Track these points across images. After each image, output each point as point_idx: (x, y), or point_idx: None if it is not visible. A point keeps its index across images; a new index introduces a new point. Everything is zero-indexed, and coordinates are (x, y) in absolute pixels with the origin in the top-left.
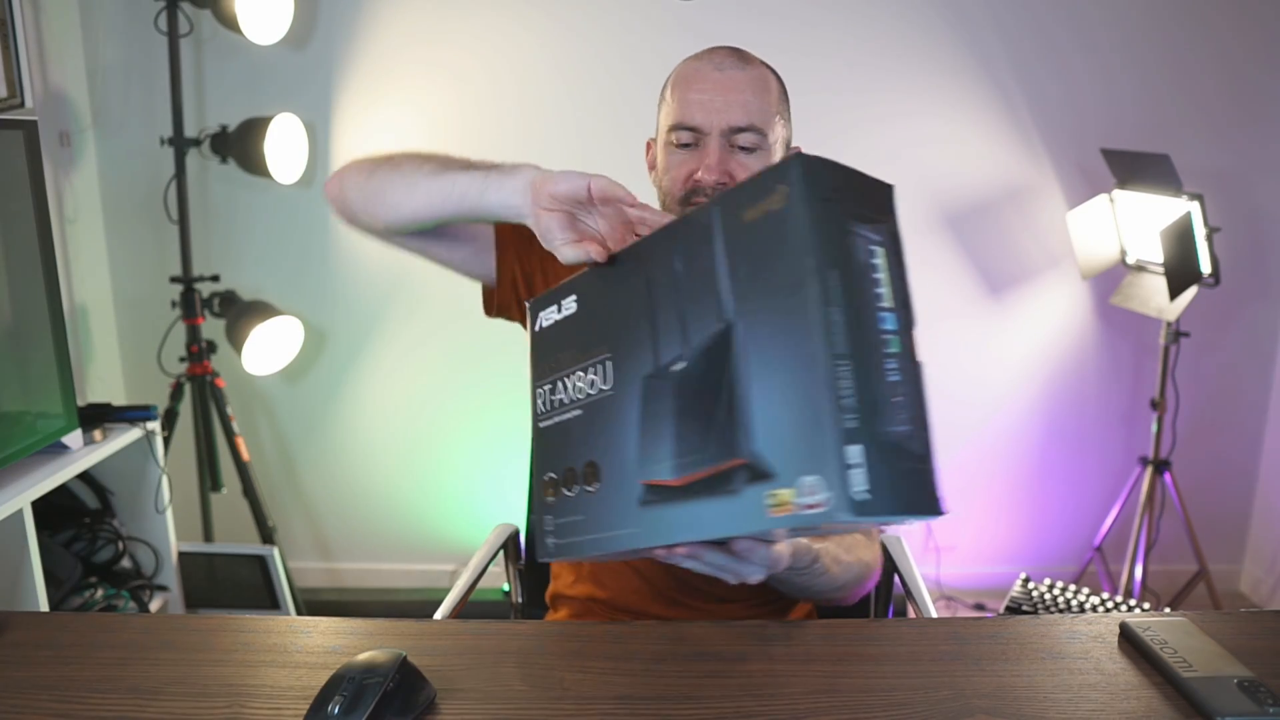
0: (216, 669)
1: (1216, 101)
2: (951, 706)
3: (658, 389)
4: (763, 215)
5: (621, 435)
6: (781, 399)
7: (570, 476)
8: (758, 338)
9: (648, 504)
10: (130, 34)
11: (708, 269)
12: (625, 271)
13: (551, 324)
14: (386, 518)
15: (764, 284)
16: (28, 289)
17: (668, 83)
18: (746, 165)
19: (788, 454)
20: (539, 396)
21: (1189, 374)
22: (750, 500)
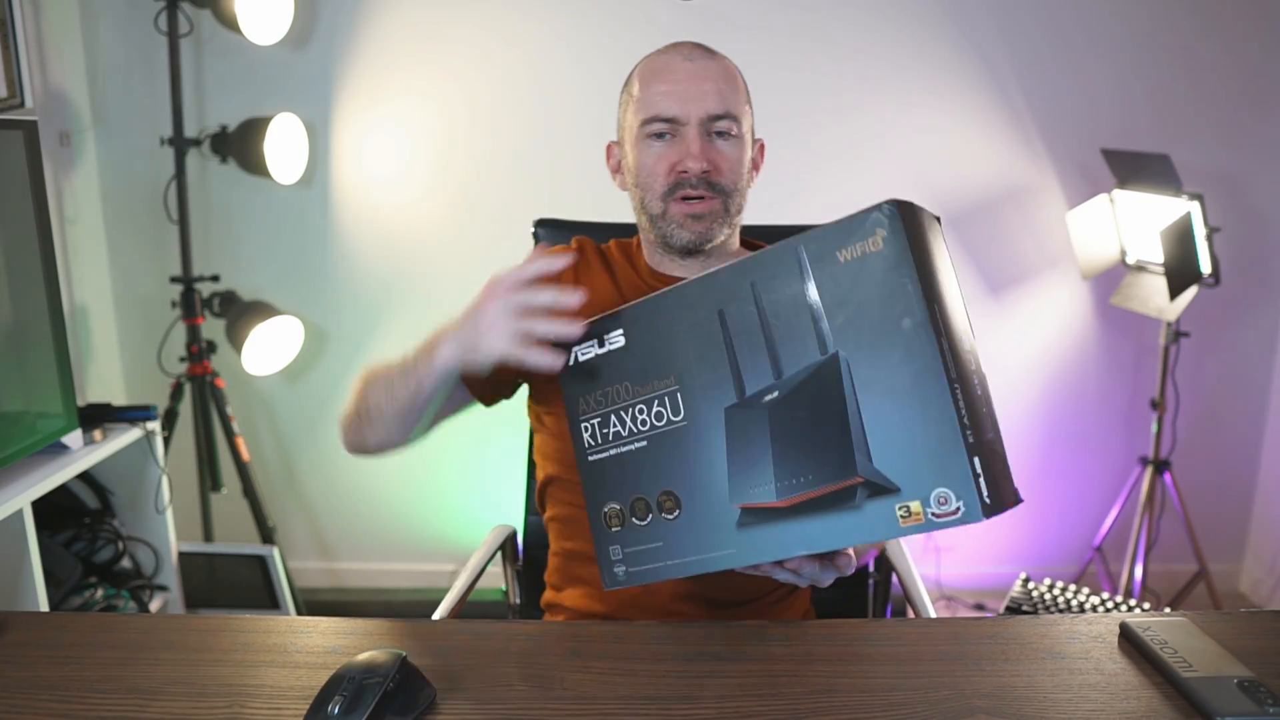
0: (216, 669)
1: (1217, 102)
2: (951, 706)
3: (746, 419)
4: (860, 256)
5: (703, 464)
6: (899, 422)
7: (641, 506)
8: (867, 368)
9: (747, 526)
10: (130, 34)
11: (800, 305)
12: (685, 305)
13: (592, 358)
14: (386, 518)
15: (870, 319)
16: (28, 289)
17: (632, 80)
18: (726, 153)
19: (912, 470)
20: (585, 430)
21: (1189, 374)
22: (877, 513)
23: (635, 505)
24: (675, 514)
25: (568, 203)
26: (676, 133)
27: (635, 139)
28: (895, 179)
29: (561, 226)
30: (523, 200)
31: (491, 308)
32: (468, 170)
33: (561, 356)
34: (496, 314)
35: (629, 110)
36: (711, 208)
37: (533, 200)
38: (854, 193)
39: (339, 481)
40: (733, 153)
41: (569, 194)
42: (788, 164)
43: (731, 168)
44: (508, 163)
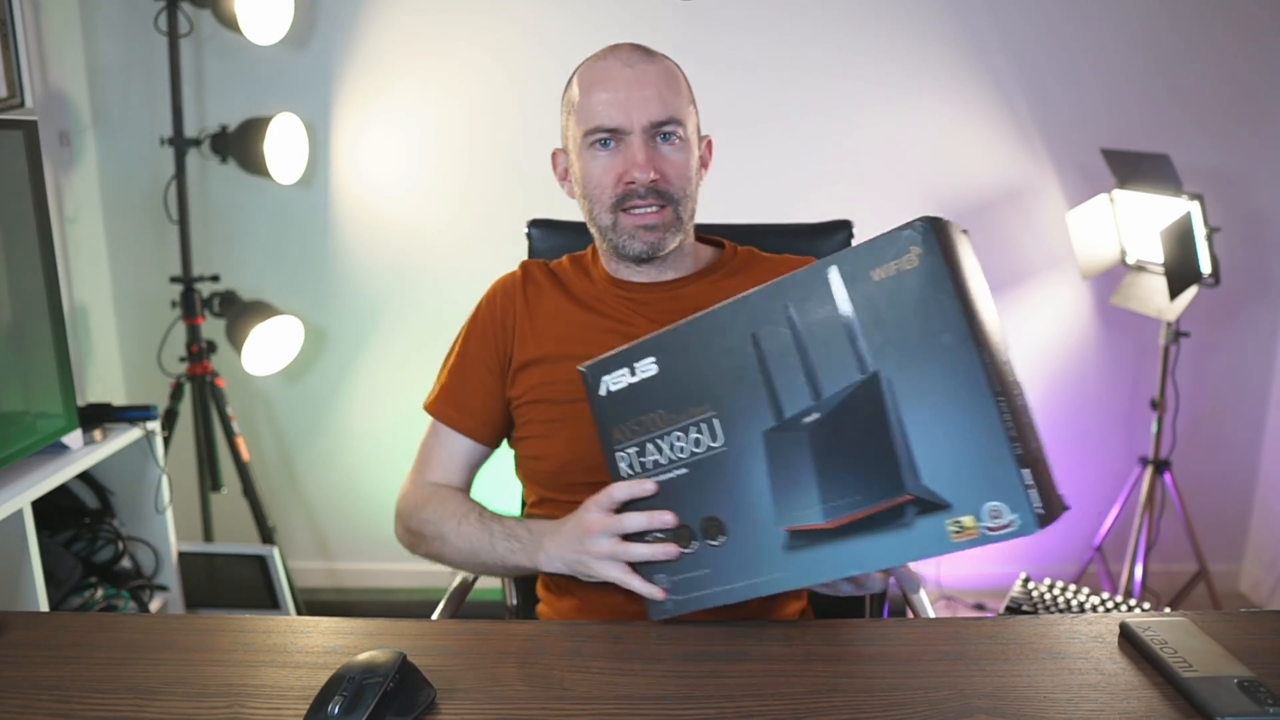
0: (216, 669)
1: (1216, 101)
2: (951, 706)
3: (787, 441)
4: (895, 274)
5: (746, 488)
6: (945, 438)
7: (685, 534)
8: (909, 385)
9: (795, 549)
10: (130, 34)
11: (835, 325)
12: (717, 330)
13: (624, 387)
14: (386, 518)
15: (908, 336)
16: (28, 289)
17: (571, 86)
18: (672, 159)
19: (962, 485)
20: (621, 460)
21: (1189, 374)
22: (928, 530)
23: (680, 533)
24: (721, 540)
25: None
26: (621, 141)
27: (579, 149)
28: (895, 179)
29: (554, 227)
30: (522, 200)
31: (594, 542)
32: (468, 170)
33: (658, 592)
34: (601, 545)
35: (571, 119)
36: (663, 218)
37: (532, 200)
38: (853, 192)
39: (339, 481)
40: (679, 157)
41: None
42: (787, 163)
43: (679, 173)
44: (508, 162)
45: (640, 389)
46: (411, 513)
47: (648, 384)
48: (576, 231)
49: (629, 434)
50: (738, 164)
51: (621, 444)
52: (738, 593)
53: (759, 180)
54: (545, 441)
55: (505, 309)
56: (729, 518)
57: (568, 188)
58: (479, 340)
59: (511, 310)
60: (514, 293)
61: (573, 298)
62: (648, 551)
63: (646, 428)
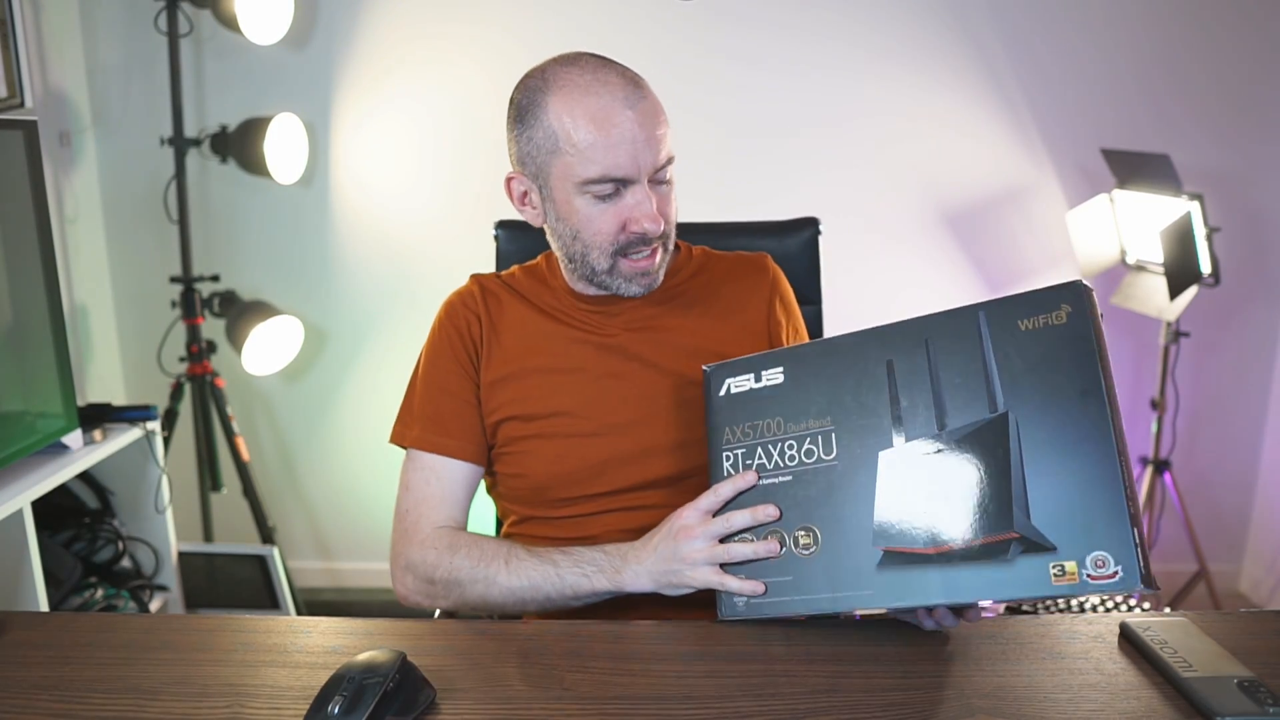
0: (216, 669)
1: (1216, 101)
2: (951, 706)
3: (902, 465)
4: (1042, 327)
5: (849, 504)
6: (1063, 485)
7: (777, 538)
8: (1036, 431)
9: (888, 568)
10: (130, 34)
11: (973, 365)
12: (856, 353)
13: (745, 391)
14: (386, 518)
15: (1045, 386)
16: (28, 289)
17: (555, 118)
18: (668, 198)
19: (1071, 532)
20: (727, 459)
21: (1189, 374)
22: (1029, 569)
23: (769, 537)
24: (812, 550)
25: None
26: (625, 186)
27: (571, 192)
28: (895, 178)
29: (522, 228)
30: None
31: (690, 545)
32: (468, 169)
33: (760, 586)
34: (697, 548)
35: (560, 158)
36: (658, 259)
37: None
38: (853, 192)
39: (339, 481)
40: (671, 194)
41: None
42: (787, 163)
43: (674, 211)
44: (507, 162)
45: (762, 395)
46: (435, 563)
47: (771, 391)
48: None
49: (740, 436)
50: (736, 164)
51: (730, 445)
52: (819, 604)
53: (758, 180)
54: (524, 458)
55: (469, 323)
56: (824, 529)
57: (530, 214)
58: (449, 358)
59: (476, 323)
60: (474, 307)
61: (537, 309)
62: (749, 550)
63: (760, 432)
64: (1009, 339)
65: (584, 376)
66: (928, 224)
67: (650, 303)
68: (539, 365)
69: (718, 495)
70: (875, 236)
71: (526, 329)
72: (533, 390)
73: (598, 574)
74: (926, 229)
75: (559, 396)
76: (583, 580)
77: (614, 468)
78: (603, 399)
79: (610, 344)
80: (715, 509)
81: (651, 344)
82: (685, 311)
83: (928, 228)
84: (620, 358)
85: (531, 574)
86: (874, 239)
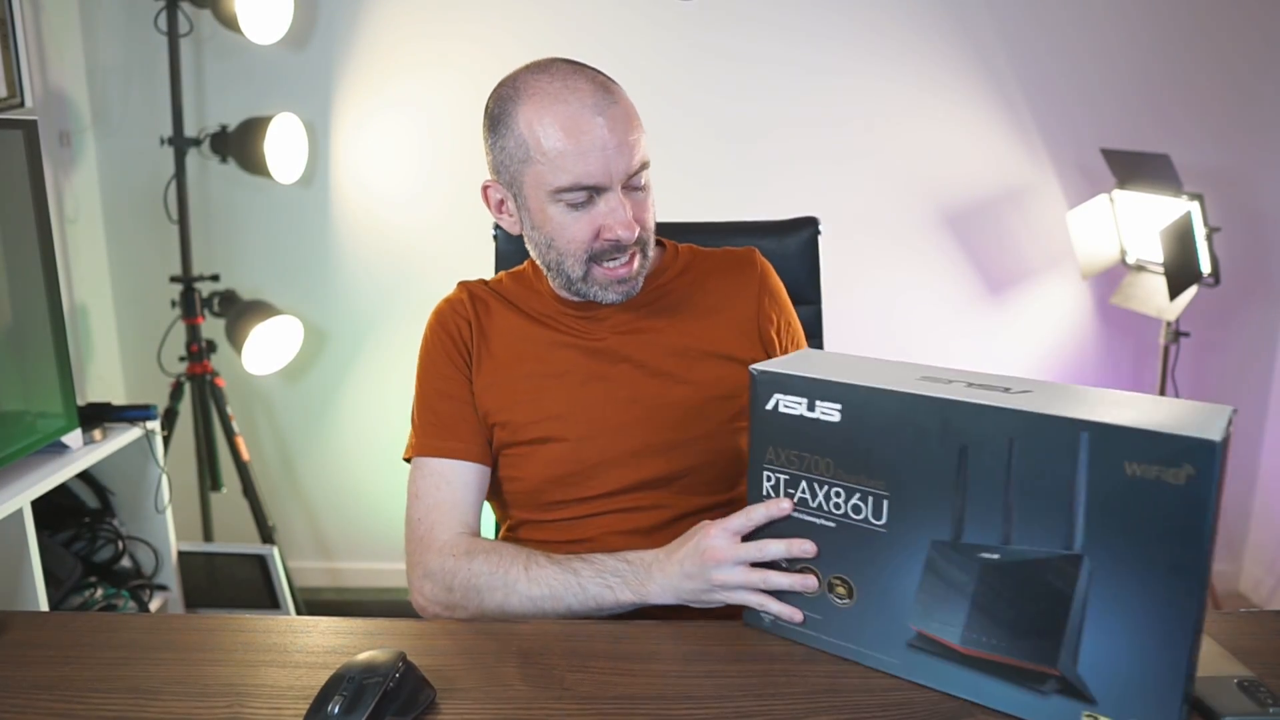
0: (216, 669)
1: (1216, 101)
2: (951, 706)
3: (951, 559)
4: (1153, 479)
5: (891, 575)
6: (1123, 649)
7: (811, 574)
8: (1111, 586)
9: (919, 649)
10: (130, 34)
11: (1058, 490)
12: (918, 416)
13: (795, 415)
14: (386, 518)
15: (1134, 548)
16: (28, 289)
17: (524, 126)
18: (643, 204)
19: (1118, 693)
20: (767, 479)
21: (1189, 374)
22: (1061, 709)
23: (804, 573)
24: (846, 601)
25: None
26: (597, 194)
27: (544, 201)
28: (895, 178)
29: None
30: None
31: (726, 571)
32: (468, 169)
33: (798, 614)
34: (734, 575)
35: (531, 166)
36: (636, 265)
37: None
38: (852, 192)
39: (339, 481)
40: (648, 200)
41: None
42: (785, 163)
43: (651, 216)
44: None
45: (814, 427)
46: (454, 570)
47: (824, 427)
48: None
49: (784, 461)
50: (734, 164)
51: (772, 464)
52: (842, 650)
53: (756, 180)
54: (517, 463)
55: (459, 327)
56: (862, 588)
57: (507, 221)
58: (444, 362)
59: (467, 326)
60: (464, 312)
61: (524, 314)
62: (788, 581)
63: (808, 467)
64: (1109, 477)
65: (572, 380)
66: (927, 224)
67: (636, 304)
68: (527, 371)
69: (749, 519)
70: (874, 236)
71: (514, 335)
72: (522, 396)
73: (621, 586)
74: (926, 229)
75: (548, 401)
76: (605, 592)
77: (606, 470)
78: (592, 402)
79: (598, 347)
80: (744, 532)
81: (639, 345)
82: (673, 311)
83: (927, 228)
84: (608, 360)
85: (553, 582)
86: (873, 239)
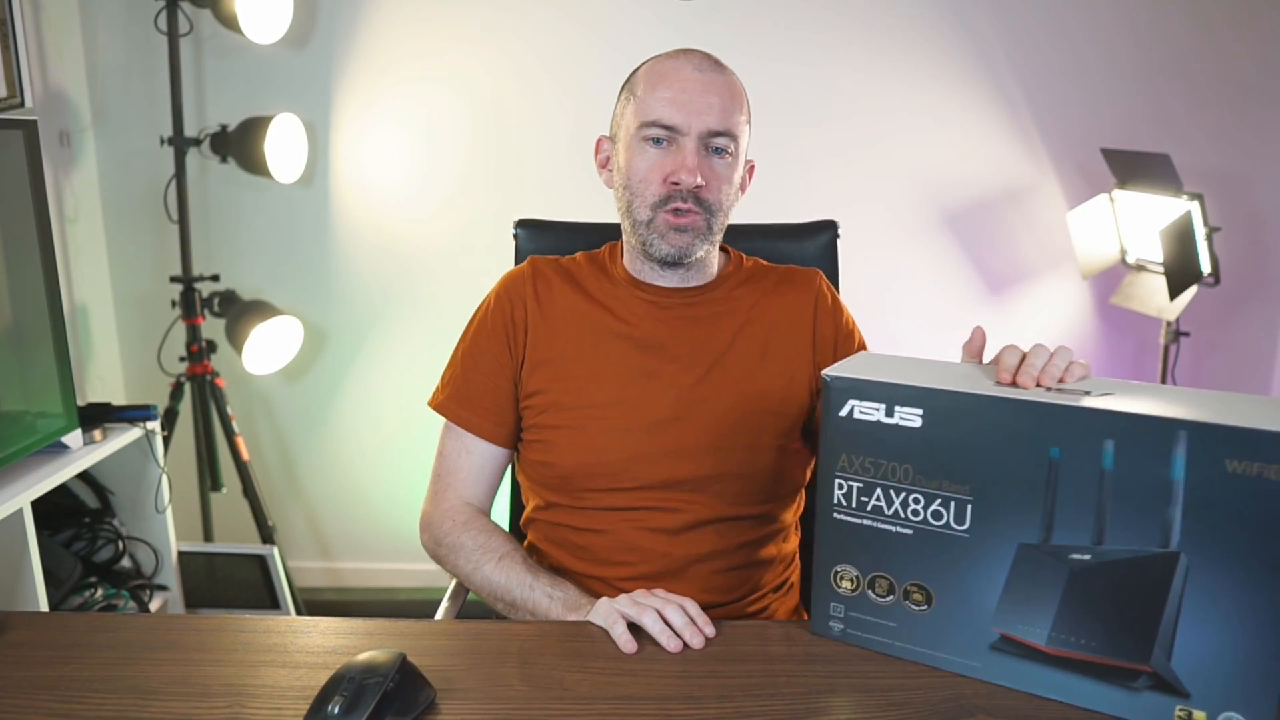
0: (216, 669)
1: (1217, 101)
2: (951, 706)
3: (1042, 563)
4: (1255, 475)
5: (973, 579)
6: (1219, 643)
7: (883, 584)
8: (1208, 584)
9: (1002, 652)
10: (130, 34)
11: (1156, 489)
12: (1006, 419)
13: (873, 422)
14: (386, 518)
15: (1234, 543)
16: (28, 289)
17: (636, 79)
18: (719, 171)
19: (1213, 686)
20: (839, 487)
21: (1189, 374)
22: (1154, 704)
23: (876, 581)
24: (924, 607)
25: (565, 201)
26: (674, 141)
27: (630, 140)
28: (895, 178)
29: (541, 228)
30: (522, 199)
31: (651, 614)
32: (467, 169)
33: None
34: (649, 608)
35: (628, 109)
36: (695, 222)
37: (532, 199)
38: (852, 191)
39: (339, 481)
40: (725, 171)
41: (566, 193)
42: (786, 162)
43: (722, 186)
44: (508, 162)
45: (893, 433)
46: (448, 530)
47: (904, 432)
48: (565, 232)
49: (858, 469)
50: None
51: (844, 472)
52: (921, 657)
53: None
54: (554, 447)
55: (515, 305)
56: (940, 593)
57: (606, 176)
58: (489, 337)
59: (522, 306)
60: (523, 288)
61: (588, 295)
62: (681, 621)
63: (884, 474)
64: (1209, 475)
65: (623, 372)
66: (927, 224)
67: (696, 303)
68: (579, 355)
69: (682, 603)
70: (874, 236)
71: (575, 315)
72: (570, 380)
73: (560, 604)
74: (926, 229)
75: (593, 389)
76: (544, 600)
77: (639, 465)
78: (637, 396)
79: (651, 342)
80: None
81: (693, 345)
82: (730, 318)
83: (927, 227)
84: (659, 358)
85: (511, 578)
86: (872, 239)
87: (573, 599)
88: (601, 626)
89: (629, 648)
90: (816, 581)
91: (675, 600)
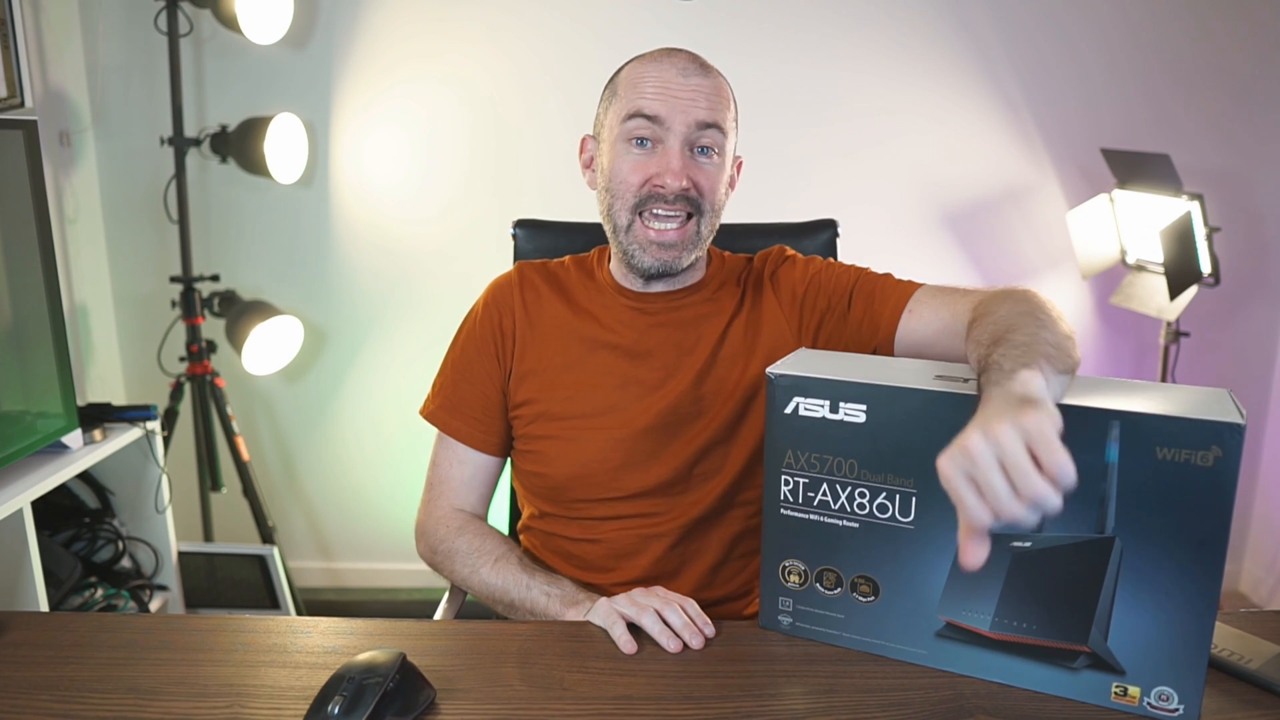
0: (216, 669)
1: (1216, 101)
2: (951, 706)
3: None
4: (1182, 462)
5: (918, 569)
6: (1151, 621)
7: (830, 578)
8: (1141, 565)
9: (947, 639)
10: (130, 34)
11: (1090, 476)
12: (947, 413)
13: (817, 418)
14: (386, 518)
15: (1165, 525)
16: (28, 289)
17: (619, 76)
18: (706, 171)
19: (1146, 662)
20: (785, 483)
21: (1189, 374)
22: (1092, 682)
23: (824, 574)
24: (870, 599)
25: (566, 202)
26: (660, 139)
27: (613, 139)
28: (894, 178)
29: (540, 228)
30: (522, 199)
31: (651, 614)
32: (467, 169)
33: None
34: (648, 608)
35: (611, 107)
36: (683, 235)
37: (532, 199)
38: (852, 191)
39: (339, 481)
40: (714, 172)
41: (566, 193)
42: (786, 162)
43: (710, 186)
44: (508, 162)
45: (837, 429)
46: (443, 536)
47: (849, 430)
48: (564, 232)
49: (804, 465)
50: None
51: (791, 469)
52: (869, 647)
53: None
54: (545, 458)
55: (504, 313)
56: (887, 584)
57: (589, 177)
58: (477, 347)
59: (510, 315)
60: (511, 297)
61: (574, 304)
62: (679, 620)
63: (829, 469)
64: (1140, 463)
65: (610, 381)
66: (927, 224)
67: (686, 305)
68: (566, 365)
69: (682, 602)
70: (874, 236)
71: (560, 327)
72: (558, 390)
73: (558, 601)
74: (926, 229)
75: (581, 399)
76: (542, 599)
77: (629, 473)
78: (625, 405)
79: (638, 350)
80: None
81: (680, 350)
82: (718, 318)
83: (927, 227)
84: (647, 365)
85: (507, 578)
86: (872, 238)
87: (570, 594)
88: (601, 626)
89: (628, 648)
90: (764, 577)
91: (675, 600)
